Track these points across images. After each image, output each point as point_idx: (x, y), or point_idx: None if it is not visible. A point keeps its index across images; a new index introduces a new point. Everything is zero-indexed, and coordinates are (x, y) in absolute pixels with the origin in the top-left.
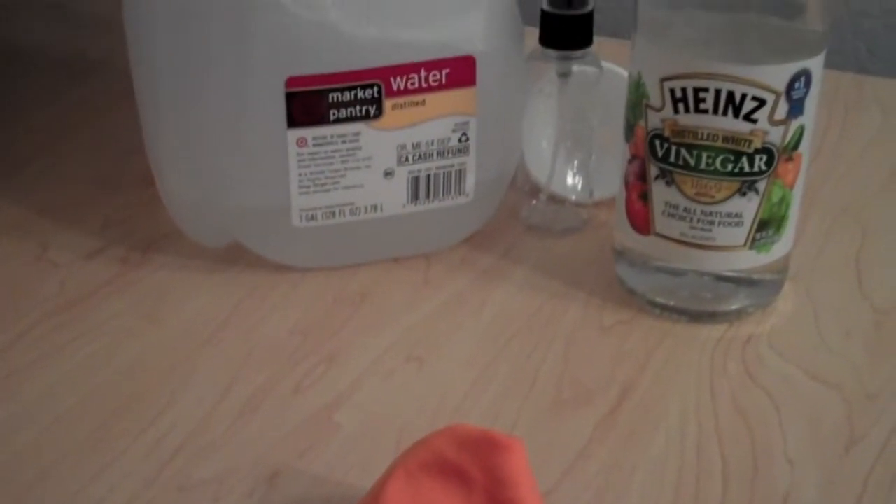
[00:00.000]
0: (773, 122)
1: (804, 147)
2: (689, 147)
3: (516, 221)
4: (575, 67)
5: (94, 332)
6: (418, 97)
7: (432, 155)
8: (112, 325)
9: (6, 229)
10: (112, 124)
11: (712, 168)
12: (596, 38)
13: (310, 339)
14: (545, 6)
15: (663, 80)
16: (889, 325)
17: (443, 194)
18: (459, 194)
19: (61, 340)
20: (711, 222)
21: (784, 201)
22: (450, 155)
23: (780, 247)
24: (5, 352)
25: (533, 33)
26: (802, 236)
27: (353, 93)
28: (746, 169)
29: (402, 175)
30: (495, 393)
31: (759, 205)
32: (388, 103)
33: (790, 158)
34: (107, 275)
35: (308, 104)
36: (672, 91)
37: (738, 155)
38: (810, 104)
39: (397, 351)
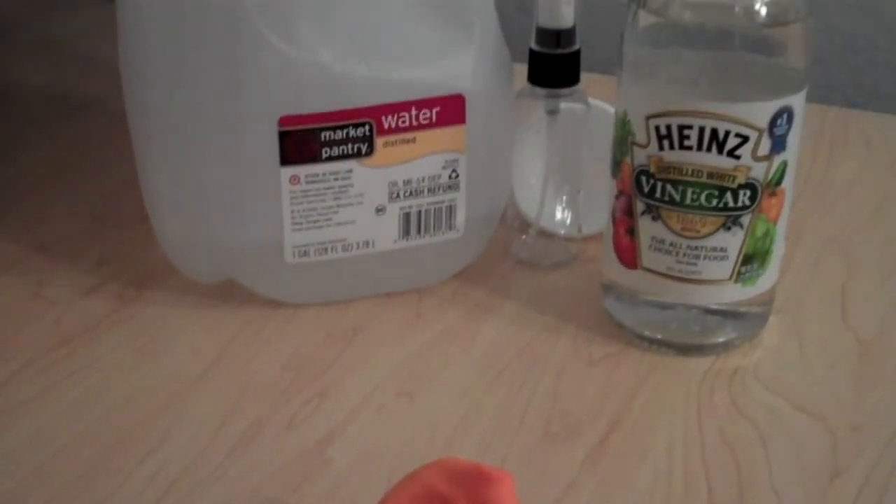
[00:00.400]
0: (756, 158)
1: (787, 182)
2: (675, 183)
3: (506, 256)
4: (563, 105)
5: (89, 368)
6: (409, 135)
7: (423, 191)
8: (107, 361)
9: (2, 266)
10: (106, 162)
11: (697, 203)
12: (586, 75)
13: (302, 375)
14: (533, 45)
15: (648, 117)
16: (873, 356)
17: (434, 230)
18: (450, 230)
19: (57, 377)
20: (697, 256)
21: (768, 235)
22: (440, 191)
23: (765, 280)
24: (1, 389)
25: (522, 70)
26: (788, 269)
27: (345, 131)
28: (731, 204)
29: (394, 211)
30: (485, 426)
31: (744, 239)
32: (379, 141)
33: (774, 193)
34: (102, 311)
35: (301, 143)
36: (657, 128)
37: (723, 190)
38: (793, 140)
39: (389, 385)
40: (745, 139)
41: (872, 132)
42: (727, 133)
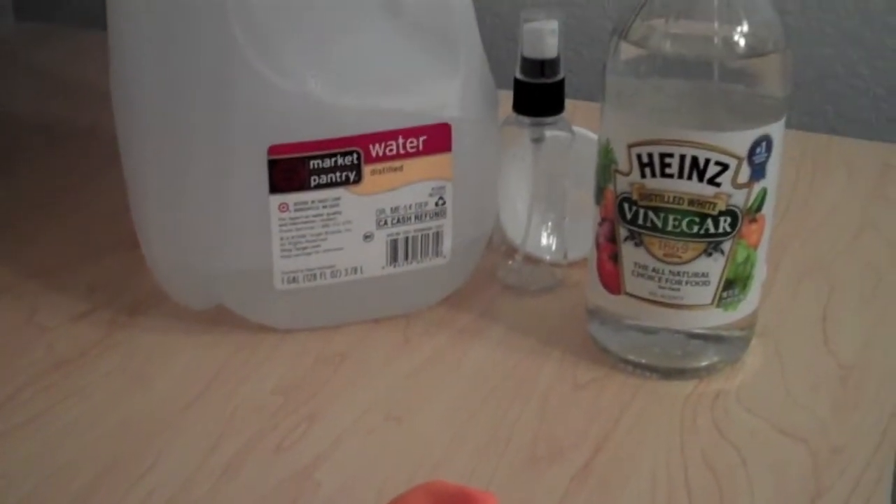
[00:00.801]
0: (736, 186)
1: (767, 208)
2: (657, 210)
3: (493, 281)
4: (548, 133)
5: (81, 393)
6: (396, 163)
7: (410, 218)
8: (99, 387)
9: None
10: (98, 189)
11: (679, 230)
12: (571, 101)
13: (291, 399)
14: (518, 75)
15: (630, 145)
16: (854, 379)
17: (421, 256)
18: (437, 256)
19: (49, 402)
20: (679, 282)
21: (749, 261)
22: (427, 218)
23: (747, 304)
24: None
25: (507, 96)
26: (770, 293)
27: (333, 159)
28: (711, 230)
29: (381, 238)
30: (472, 450)
31: (725, 265)
32: (367, 169)
33: (754, 220)
34: (94, 337)
35: (289, 171)
36: (639, 156)
37: (704, 217)
38: (772, 168)
39: (377, 410)
40: (725, 167)
41: (853, 158)
42: (707, 161)
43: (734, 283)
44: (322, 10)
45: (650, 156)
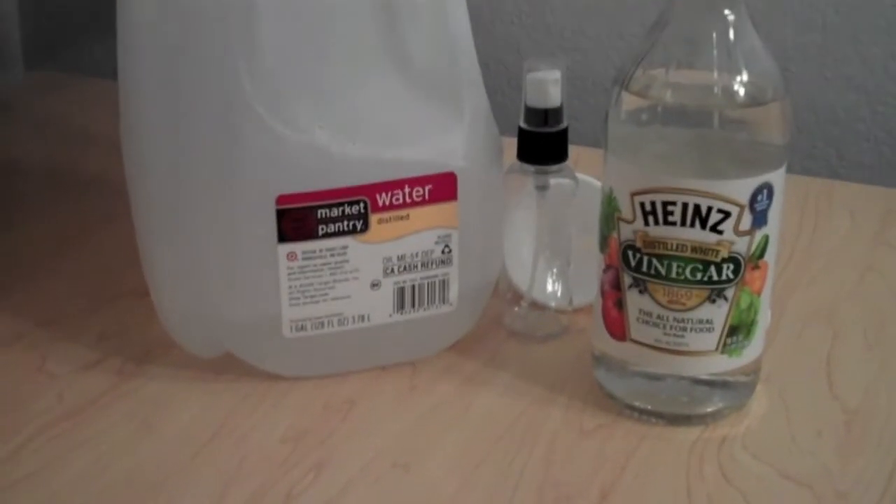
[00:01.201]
0: (738, 233)
1: (770, 255)
2: (660, 257)
3: (499, 328)
4: (552, 180)
5: (90, 442)
6: (403, 212)
7: (417, 266)
8: (108, 436)
9: (6, 341)
10: (107, 238)
11: (682, 277)
12: (578, 148)
13: (300, 447)
14: (522, 123)
15: (633, 194)
16: (858, 424)
17: (428, 304)
18: (444, 303)
19: (58, 451)
20: (684, 329)
21: (752, 307)
22: (433, 266)
23: (751, 350)
24: (4, 464)
25: (511, 142)
26: (775, 338)
27: (340, 209)
28: (715, 277)
29: (388, 286)
30: (479, 497)
31: (729, 311)
32: (373, 218)
33: (756, 266)
34: (103, 386)
35: (298, 220)
36: (642, 204)
37: (707, 264)
38: (774, 215)
39: (384, 457)
40: (727, 215)
41: (856, 203)
42: (709, 209)
43: (738, 330)
44: (330, 62)
45: (653, 204)
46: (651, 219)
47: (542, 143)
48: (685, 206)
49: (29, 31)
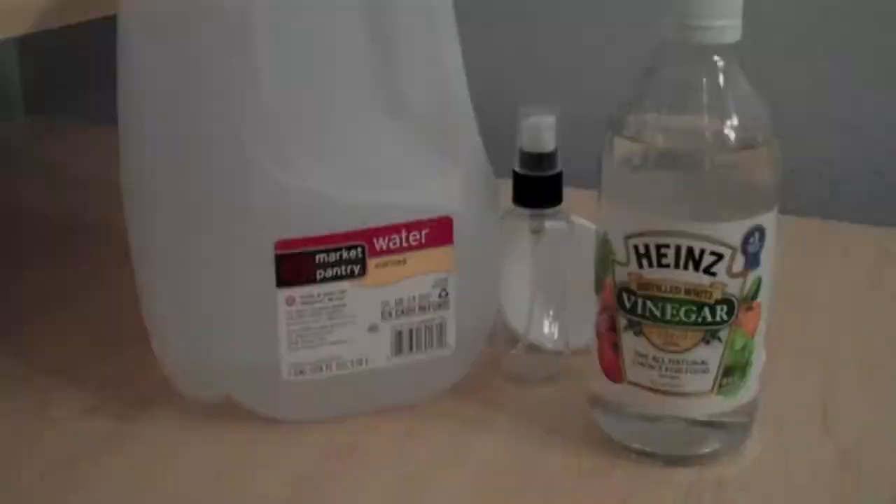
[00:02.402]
0: (731, 275)
1: (763, 296)
2: (655, 299)
3: (497, 371)
4: (547, 224)
5: (89, 488)
6: (400, 256)
7: (414, 310)
8: (108, 481)
9: (7, 385)
10: (108, 282)
11: (677, 319)
12: (574, 190)
13: (299, 492)
14: (517, 168)
15: (627, 237)
16: (853, 465)
17: (425, 347)
18: (441, 347)
19: (59, 497)
20: (679, 370)
21: (746, 348)
22: (431, 310)
23: (747, 391)
24: None
25: (506, 185)
26: (771, 378)
27: (338, 253)
28: (709, 319)
29: (386, 330)
30: None
31: (723, 352)
32: (371, 262)
33: (750, 308)
34: (103, 431)
35: (296, 265)
36: (636, 247)
37: (701, 306)
38: (766, 256)
39: (384, 501)
40: (720, 257)
41: (849, 242)
42: (702, 251)
43: (733, 371)
44: (327, 109)
45: (647, 247)
46: (645, 261)
47: (537, 187)
48: (678, 248)
49: (28, 77)
